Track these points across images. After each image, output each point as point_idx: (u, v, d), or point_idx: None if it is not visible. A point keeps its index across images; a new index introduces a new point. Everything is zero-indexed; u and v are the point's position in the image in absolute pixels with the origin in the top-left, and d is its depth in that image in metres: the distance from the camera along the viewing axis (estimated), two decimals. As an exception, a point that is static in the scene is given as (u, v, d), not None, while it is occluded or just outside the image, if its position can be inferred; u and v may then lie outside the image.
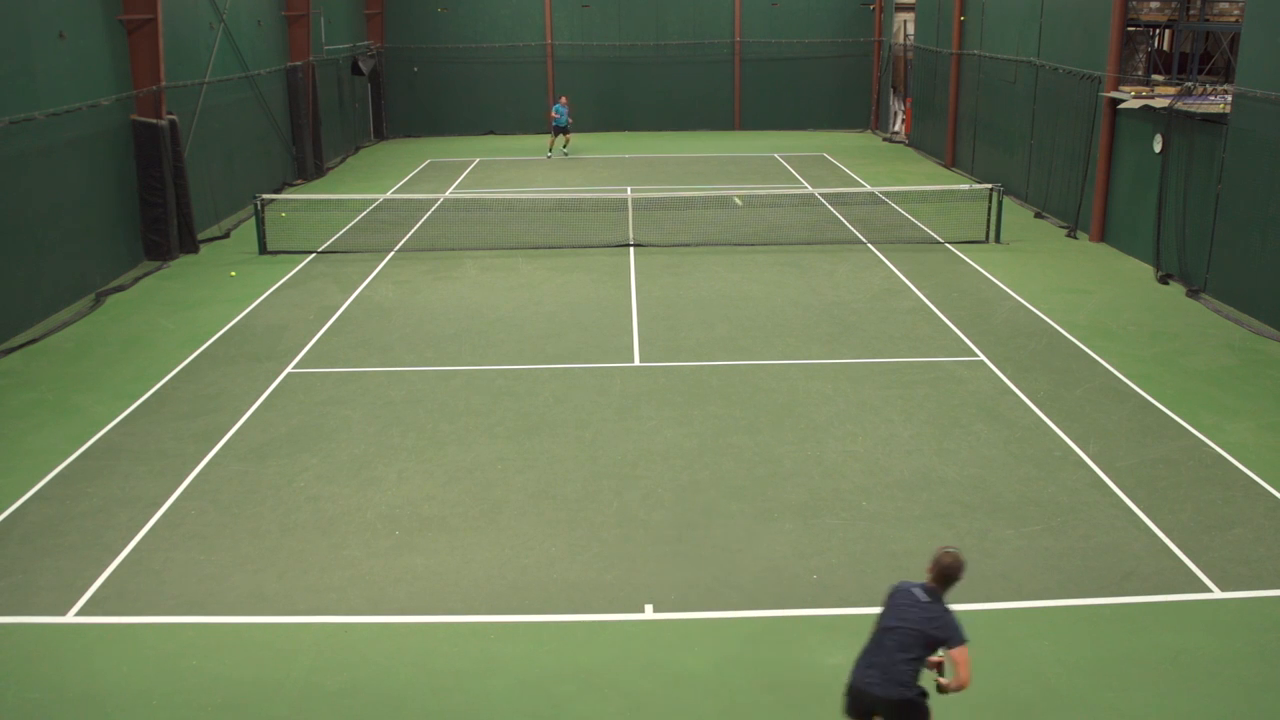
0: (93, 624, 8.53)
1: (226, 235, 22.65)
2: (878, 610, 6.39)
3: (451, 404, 13.04)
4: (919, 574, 9.02)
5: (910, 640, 6.12)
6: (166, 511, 10.37)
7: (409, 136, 40.09)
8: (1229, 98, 17.06)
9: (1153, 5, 20.91)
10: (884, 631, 6.23)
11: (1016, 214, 23.75)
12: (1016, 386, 13.38)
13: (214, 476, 11.13)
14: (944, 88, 31.48)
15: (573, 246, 21.21)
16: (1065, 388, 13.35)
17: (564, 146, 34.20)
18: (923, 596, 6.25)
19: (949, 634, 6.10)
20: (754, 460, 11.34)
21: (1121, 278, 18.81)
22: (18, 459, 11.59)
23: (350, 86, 35.47)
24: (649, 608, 8.66)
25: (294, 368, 14.42)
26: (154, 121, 19.98)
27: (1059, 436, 11.88)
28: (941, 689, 6.23)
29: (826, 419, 12.42)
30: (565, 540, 9.75)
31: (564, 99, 34.68)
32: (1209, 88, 18.88)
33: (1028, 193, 25.10)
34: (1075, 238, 21.82)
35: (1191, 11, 20.55)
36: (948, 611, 6.18)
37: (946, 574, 6.25)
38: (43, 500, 10.63)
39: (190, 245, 21.09)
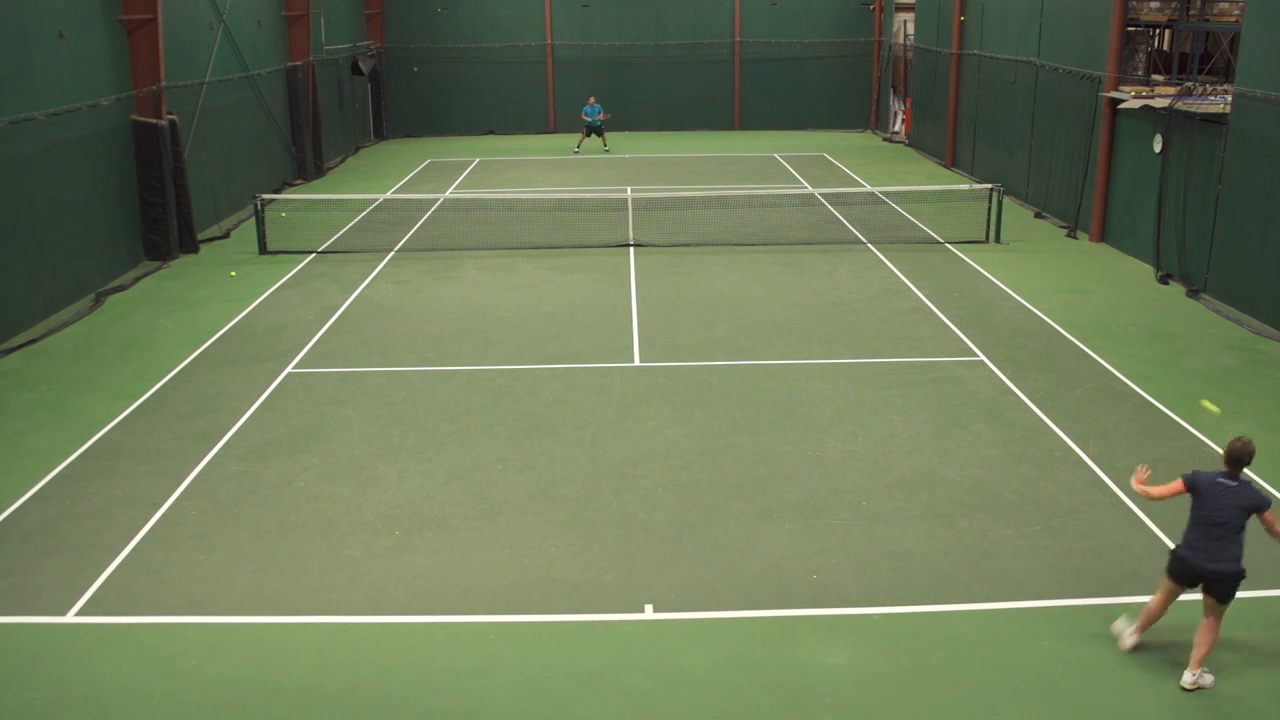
0: (93, 624, 8.53)
1: (226, 235, 22.65)
2: (878, 610, 6.41)
3: (451, 404, 13.04)
4: (919, 573, 9.07)
5: (1237, 519, 7.55)
6: (166, 511, 10.37)
7: (409, 136, 40.09)
8: (1229, 98, 17.06)
9: (1153, 5, 20.91)
10: (1213, 523, 7.56)
11: (1016, 214, 23.76)
12: (1016, 386, 13.39)
13: (214, 476, 11.13)
14: (944, 88, 31.48)
15: (573, 246, 21.22)
16: (1065, 388, 13.35)
17: (604, 145, 34.79)
18: (1230, 480, 7.62)
19: (1259, 500, 7.55)
20: (754, 460, 11.34)
21: (1121, 278, 18.82)
22: (18, 459, 11.59)
23: (350, 86, 35.47)
24: (649, 608, 8.66)
25: (294, 368, 14.42)
26: (154, 121, 19.99)
27: (1059, 436, 11.88)
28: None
29: (826, 419, 12.42)
30: (565, 540, 9.75)
31: (592, 99, 35.06)
32: (1209, 88, 18.89)
33: (1028, 193, 25.11)
34: (1075, 238, 21.83)
35: (1191, 11, 20.55)
36: (1250, 484, 7.65)
37: (1238, 459, 7.60)
38: (43, 500, 10.63)
39: (190, 245, 21.10)
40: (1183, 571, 7.73)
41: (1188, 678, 7.63)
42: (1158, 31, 22.57)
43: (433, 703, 7.54)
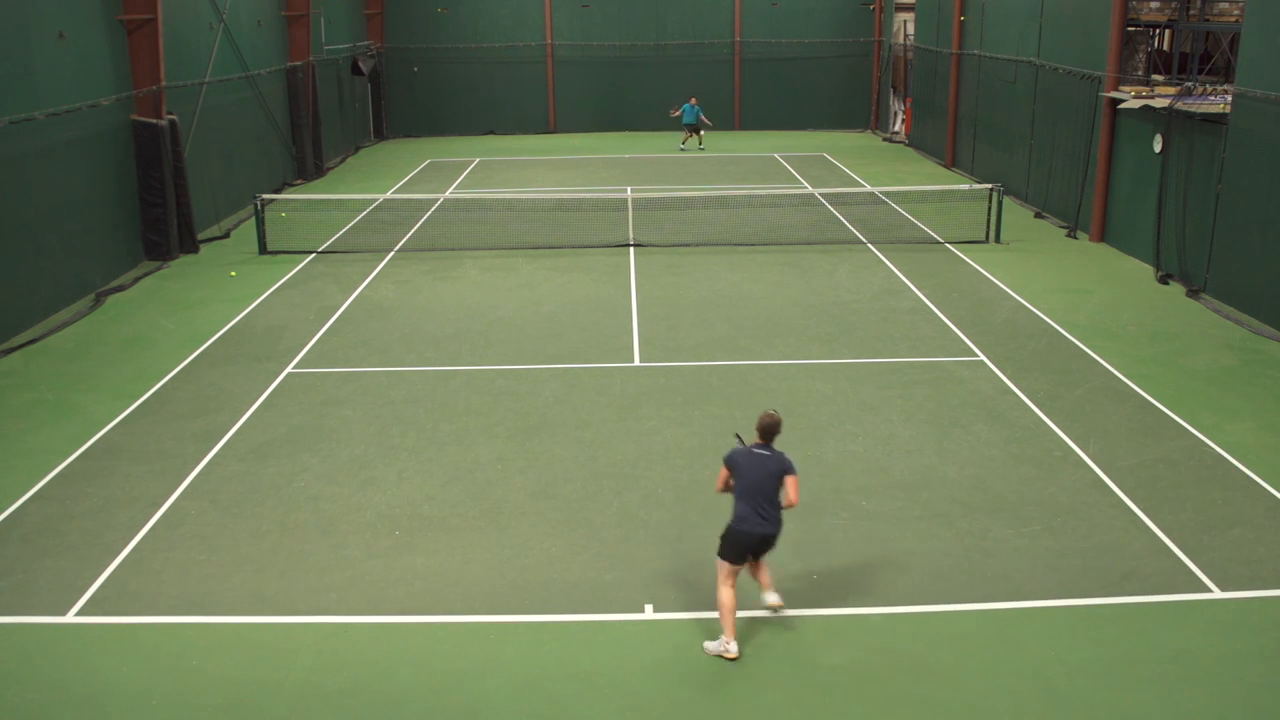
0: (93, 624, 8.53)
1: (226, 235, 22.65)
2: (877, 610, 6.42)
3: (451, 404, 13.04)
4: (919, 573, 9.07)
5: (773, 485, 8.04)
6: (166, 511, 10.37)
7: (409, 136, 40.09)
8: (1229, 98, 17.06)
9: (1153, 5, 20.91)
10: (754, 493, 7.99)
11: (1016, 214, 23.75)
12: (1016, 386, 13.38)
13: (214, 476, 11.13)
14: (944, 88, 31.48)
15: (573, 246, 21.22)
16: (1065, 388, 13.35)
17: (698, 144, 35.44)
18: (764, 450, 8.11)
19: (788, 464, 8.12)
20: (754, 460, 11.33)
21: (1121, 278, 18.82)
22: (18, 459, 11.59)
23: (350, 86, 35.47)
24: (649, 608, 8.66)
25: (294, 368, 14.42)
26: (154, 121, 19.99)
27: (1059, 436, 11.88)
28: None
29: (826, 419, 12.42)
30: (565, 540, 9.75)
31: (694, 99, 35.81)
32: (1209, 88, 18.88)
33: (1028, 193, 25.10)
34: (1075, 238, 21.82)
35: (1191, 11, 20.55)
36: (781, 452, 8.16)
37: (770, 430, 8.15)
38: (43, 500, 10.63)
39: (190, 245, 21.10)
40: (738, 547, 8.04)
41: (770, 598, 8.33)
42: (1158, 31, 22.56)
43: (433, 703, 7.54)
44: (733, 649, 7.97)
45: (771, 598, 8.32)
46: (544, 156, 34.42)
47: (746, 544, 8.03)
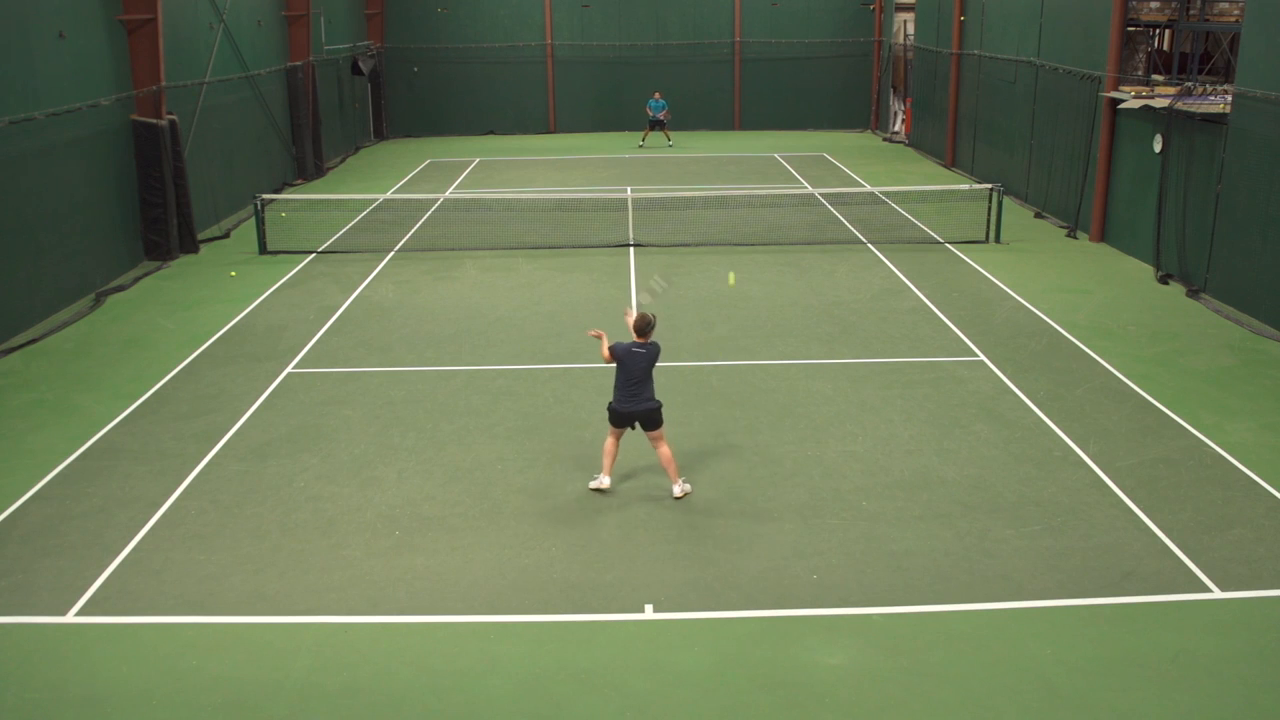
0: (93, 624, 8.53)
1: (226, 235, 22.65)
2: (877, 610, 6.42)
3: (451, 404, 13.04)
4: (919, 574, 9.08)
5: (646, 373, 10.24)
6: (166, 511, 10.37)
7: (409, 136, 40.10)
8: (1229, 98, 17.06)
9: (1153, 5, 20.91)
10: (632, 381, 10.18)
11: (1016, 214, 23.75)
12: (1016, 386, 13.39)
13: (214, 476, 11.13)
14: (944, 88, 31.48)
15: (573, 246, 21.22)
16: (1065, 388, 13.35)
17: (667, 141, 35.85)
18: (640, 347, 10.20)
19: (657, 351, 10.36)
20: (754, 460, 11.34)
21: (1121, 278, 18.82)
22: (18, 459, 11.59)
23: (350, 86, 35.47)
24: (649, 608, 8.66)
25: (294, 368, 14.42)
26: (154, 121, 19.99)
27: (1059, 436, 11.88)
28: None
29: (826, 419, 12.42)
30: (565, 540, 9.75)
31: (657, 94, 36.02)
32: (1209, 88, 18.88)
33: (1028, 193, 25.11)
34: (1075, 238, 21.83)
35: (1191, 11, 20.55)
36: (653, 343, 10.33)
37: (645, 329, 10.21)
38: (43, 500, 10.63)
39: (190, 245, 21.10)
40: (619, 418, 10.37)
41: (676, 489, 10.44)
42: (1158, 31, 22.57)
43: (433, 703, 7.54)
44: (605, 482, 10.60)
45: (677, 489, 10.47)
46: (544, 156, 34.42)
47: (625, 417, 10.34)
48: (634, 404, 10.22)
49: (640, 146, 35.51)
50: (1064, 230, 22.37)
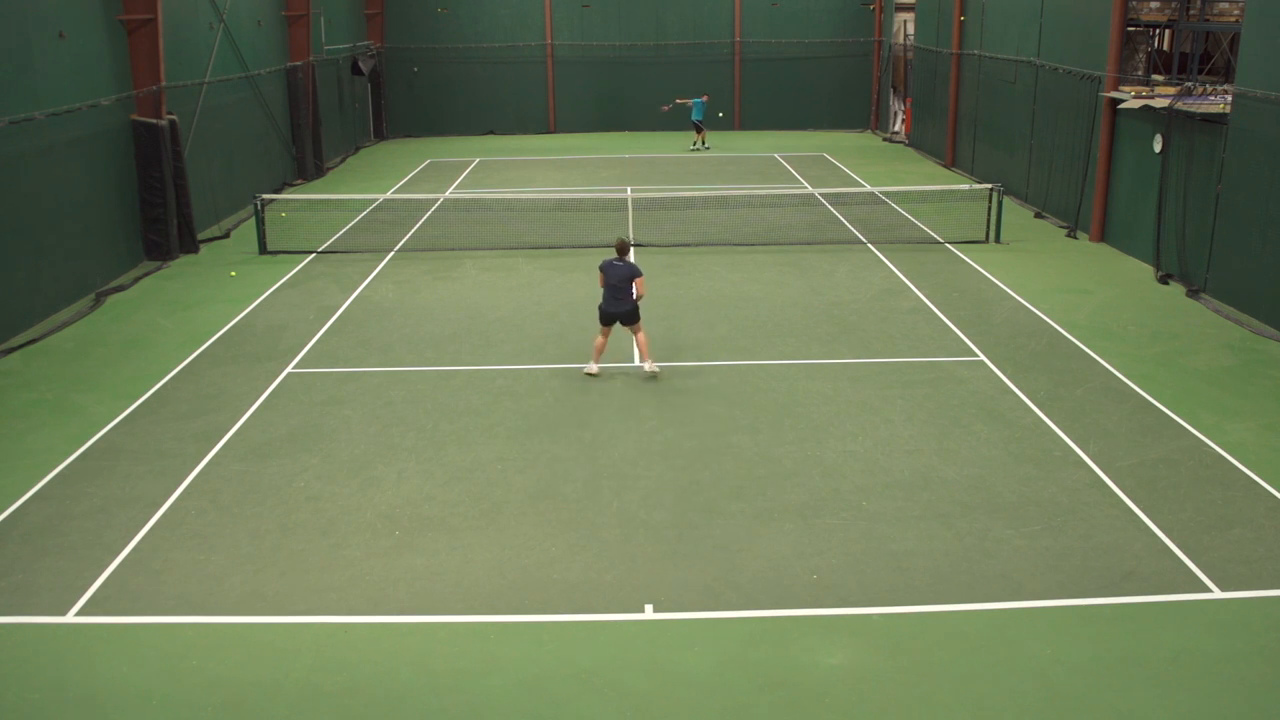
0: (93, 624, 8.53)
1: (226, 235, 22.65)
2: (877, 610, 6.41)
3: (451, 404, 13.04)
4: (919, 574, 9.08)
5: (625, 283, 13.43)
6: (166, 511, 10.37)
7: (409, 136, 40.10)
8: (1229, 98, 17.06)
9: (1153, 5, 20.91)
10: (614, 287, 13.41)
11: (1016, 214, 23.75)
12: (1016, 386, 13.38)
13: (214, 476, 11.13)
14: (944, 88, 31.48)
15: (573, 246, 21.21)
16: (1065, 388, 13.35)
17: (703, 143, 35.34)
18: (619, 262, 13.48)
19: (636, 271, 13.47)
20: (754, 460, 11.34)
21: (1121, 278, 18.82)
22: (18, 459, 11.59)
23: (350, 86, 35.47)
24: (649, 608, 8.66)
25: (294, 368, 14.42)
26: (154, 121, 19.99)
27: (1059, 436, 11.88)
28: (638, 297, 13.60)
29: (826, 419, 12.42)
30: (565, 540, 9.75)
31: (706, 96, 36.13)
32: (1209, 88, 18.88)
33: (1028, 193, 25.10)
34: (1075, 238, 21.82)
35: (1191, 11, 20.55)
36: (633, 263, 13.52)
37: (624, 249, 13.72)
38: (43, 500, 10.63)
39: (190, 245, 21.10)
40: (606, 317, 13.57)
41: (647, 367, 13.52)
42: (1158, 31, 22.56)
43: (433, 703, 7.54)
44: (595, 369, 13.69)
45: (647, 366, 13.54)
46: (544, 156, 34.42)
47: (609, 317, 13.54)
48: (617, 306, 13.43)
49: (707, 149, 35.06)
50: (1064, 230, 22.37)
